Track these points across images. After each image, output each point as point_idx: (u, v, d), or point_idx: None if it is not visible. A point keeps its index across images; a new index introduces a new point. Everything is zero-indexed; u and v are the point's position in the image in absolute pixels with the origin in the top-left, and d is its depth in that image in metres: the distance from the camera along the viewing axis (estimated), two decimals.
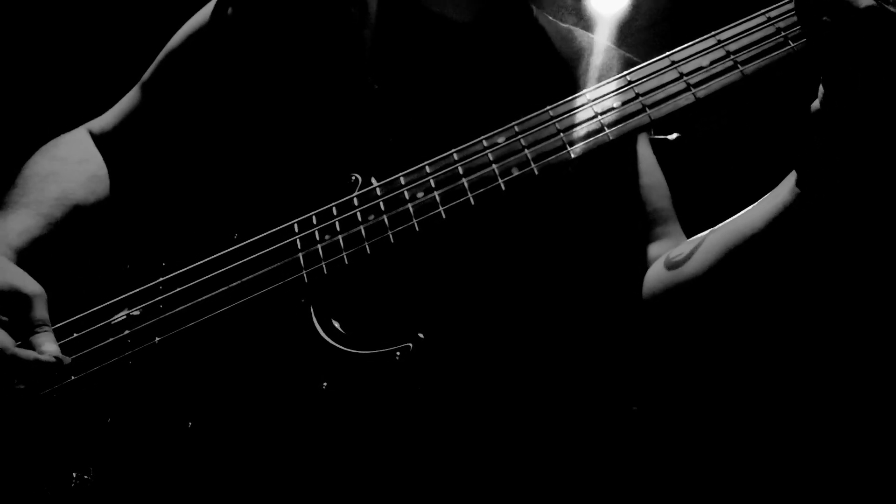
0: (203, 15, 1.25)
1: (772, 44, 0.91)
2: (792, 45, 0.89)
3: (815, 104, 0.80)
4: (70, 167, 1.25)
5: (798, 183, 0.86)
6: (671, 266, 1.06)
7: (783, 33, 0.90)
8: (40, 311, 1.02)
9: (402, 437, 1.03)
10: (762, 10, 0.93)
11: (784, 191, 0.89)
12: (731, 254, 0.96)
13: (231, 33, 1.21)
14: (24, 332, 1.01)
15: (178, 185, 1.27)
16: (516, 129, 0.99)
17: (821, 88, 0.80)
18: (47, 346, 1.00)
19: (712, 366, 1.80)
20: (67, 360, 1.00)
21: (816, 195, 0.85)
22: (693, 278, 1.01)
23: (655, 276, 1.11)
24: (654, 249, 1.18)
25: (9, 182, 1.23)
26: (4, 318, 1.01)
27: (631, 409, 1.26)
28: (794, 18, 0.89)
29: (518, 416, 1.10)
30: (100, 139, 1.34)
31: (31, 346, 1.00)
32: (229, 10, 1.21)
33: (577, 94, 0.99)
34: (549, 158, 0.96)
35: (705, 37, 0.95)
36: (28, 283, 1.04)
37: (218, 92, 1.22)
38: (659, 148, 1.29)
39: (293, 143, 1.12)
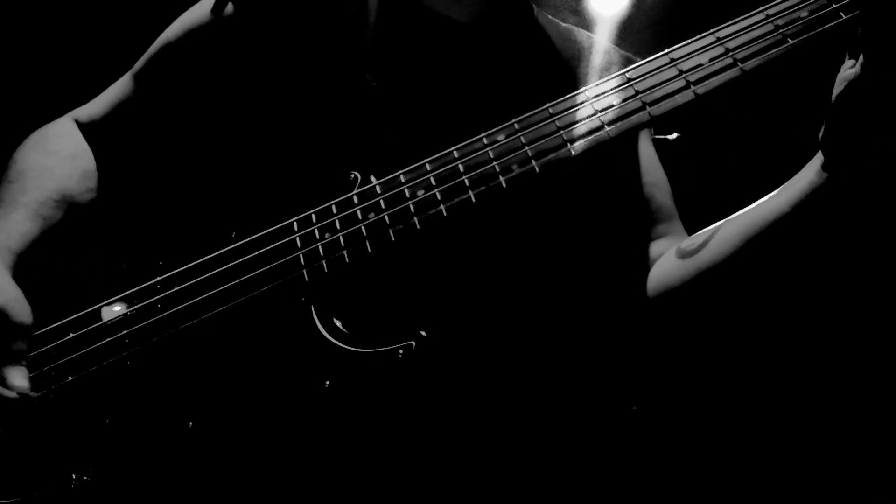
0: (202, 9, 1.24)
1: (770, 41, 0.91)
2: (790, 42, 0.90)
3: (849, 73, 0.80)
4: (64, 162, 1.23)
5: (825, 166, 0.85)
6: (685, 255, 1.05)
7: (781, 30, 0.91)
8: (19, 343, 1.01)
9: (405, 434, 1.03)
10: (761, 8, 0.93)
11: (809, 174, 0.88)
12: (754, 240, 0.95)
13: (230, 30, 1.21)
14: None
15: (175, 182, 1.26)
16: (516, 126, 0.99)
17: (855, 61, 0.78)
18: (18, 381, 0.99)
19: (716, 363, 1.80)
20: (35, 395, 0.99)
21: (846, 176, 0.84)
22: (712, 266, 1.00)
23: (667, 267, 1.10)
24: (656, 247, 1.18)
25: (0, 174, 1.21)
26: None
27: (631, 408, 1.26)
28: (793, 16, 0.90)
29: (519, 414, 1.10)
30: (87, 129, 1.30)
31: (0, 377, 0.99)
32: (228, 7, 1.21)
33: (576, 92, 0.99)
34: (550, 156, 0.96)
35: (704, 34, 0.95)
36: (18, 310, 1.02)
37: (216, 88, 1.21)
38: (659, 148, 1.29)
39: (292, 141, 1.12)
